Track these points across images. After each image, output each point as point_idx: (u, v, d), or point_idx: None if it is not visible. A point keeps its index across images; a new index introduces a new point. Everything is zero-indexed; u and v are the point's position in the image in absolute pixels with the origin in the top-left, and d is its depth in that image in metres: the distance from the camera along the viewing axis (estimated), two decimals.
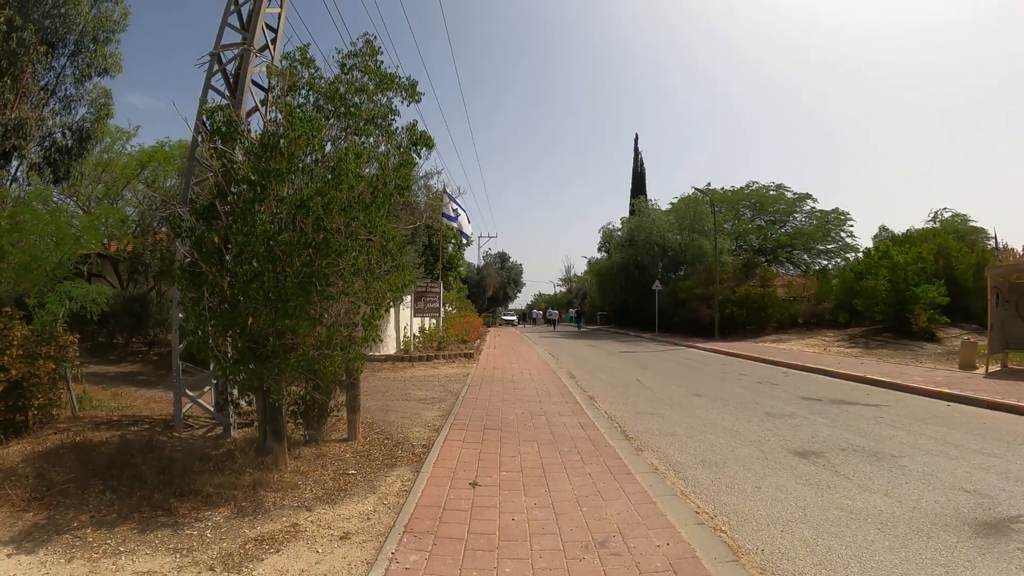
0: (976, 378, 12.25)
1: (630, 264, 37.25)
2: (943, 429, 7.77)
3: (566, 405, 9.49)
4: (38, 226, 9.33)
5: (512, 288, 62.19)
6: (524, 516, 4.47)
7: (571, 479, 5.44)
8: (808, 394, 10.91)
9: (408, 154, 5.85)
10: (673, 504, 4.80)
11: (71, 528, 4.20)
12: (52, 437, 6.65)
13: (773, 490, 5.33)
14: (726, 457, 6.50)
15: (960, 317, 21.82)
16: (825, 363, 15.57)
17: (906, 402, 10.06)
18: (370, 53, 5.97)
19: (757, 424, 8.19)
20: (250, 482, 5.16)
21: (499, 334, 36.74)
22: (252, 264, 5.05)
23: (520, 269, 62.20)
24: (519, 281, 62.79)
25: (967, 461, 6.20)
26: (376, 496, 5.04)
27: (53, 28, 13.25)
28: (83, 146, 14.72)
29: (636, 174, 51.49)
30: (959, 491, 5.21)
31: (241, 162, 5.31)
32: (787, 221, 38.86)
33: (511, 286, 61.51)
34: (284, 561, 3.74)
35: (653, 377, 13.86)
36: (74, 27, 13.57)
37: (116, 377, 12.12)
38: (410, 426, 7.88)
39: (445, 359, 16.71)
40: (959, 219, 34.44)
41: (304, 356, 5.25)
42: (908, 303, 20.41)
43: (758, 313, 26.59)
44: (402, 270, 5.96)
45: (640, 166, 51.67)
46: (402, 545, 3.92)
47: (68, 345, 7.62)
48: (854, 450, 6.69)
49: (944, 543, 4.06)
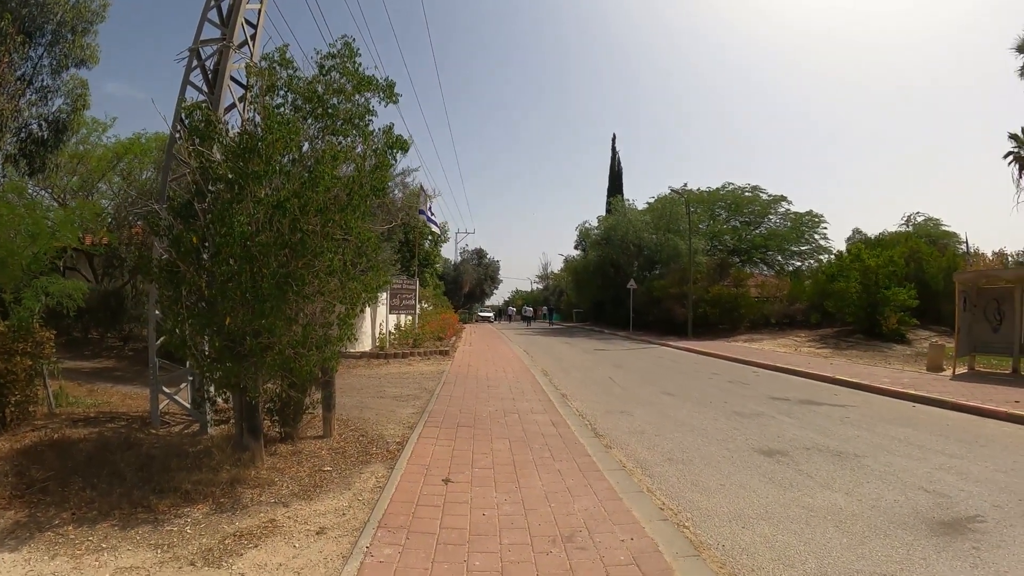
0: (943, 380, 12.62)
1: (606, 263, 37.63)
2: (907, 430, 8.02)
3: (539, 403, 9.66)
4: (13, 220, 9.22)
5: (489, 285, 62.39)
6: (495, 511, 4.62)
7: (541, 476, 5.60)
8: (777, 394, 11.19)
9: (384, 156, 5.93)
10: (639, 500, 4.95)
11: (53, 525, 4.24)
12: (30, 434, 6.63)
13: (736, 488, 5.50)
14: (692, 455, 6.68)
15: (930, 319, 22.42)
16: (796, 363, 15.95)
17: (873, 403, 10.36)
18: (348, 55, 6.02)
19: (725, 423, 8.41)
20: (228, 479, 5.23)
21: (475, 331, 36.82)
22: (230, 264, 5.10)
23: (497, 266, 62.48)
24: (496, 278, 63.08)
25: (929, 461, 6.41)
26: (351, 492, 5.14)
27: (31, 17, 13.00)
28: (59, 138, 14.42)
29: (613, 173, 51.89)
30: (919, 491, 5.38)
31: (219, 161, 5.36)
32: (762, 222, 39.47)
33: (488, 283, 61.69)
34: (262, 555, 3.84)
35: (625, 375, 14.10)
36: (52, 17, 13.32)
37: (92, 373, 12.01)
38: (385, 423, 7.98)
39: (420, 356, 16.78)
40: (932, 223, 35.27)
41: (280, 355, 5.32)
42: (879, 305, 20.93)
43: (731, 313, 27.06)
44: (377, 270, 6.05)
45: (617, 165, 52.11)
46: (376, 539, 4.04)
47: (45, 341, 7.54)
48: (818, 450, 6.89)
49: (901, 541, 4.22)
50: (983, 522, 4.62)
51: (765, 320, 27.22)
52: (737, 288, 28.19)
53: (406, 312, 19.90)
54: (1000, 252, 25.50)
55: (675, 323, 28.48)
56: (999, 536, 4.32)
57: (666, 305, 29.66)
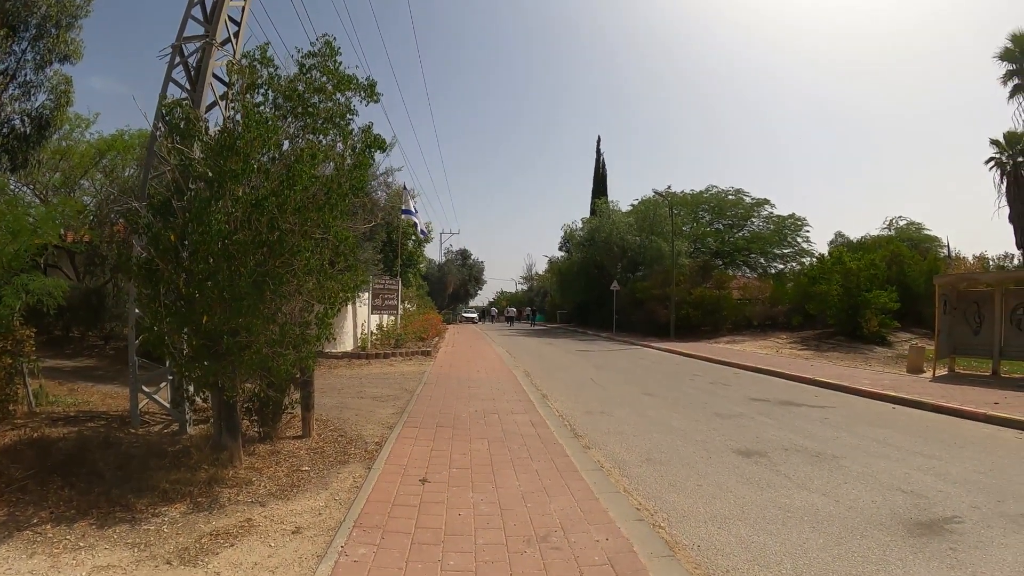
0: (922, 382, 12.80)
1: (590, 264, 37.79)
2: (886, 431, 8.09)
3: (519, 403, 9.70)
4: None
5: (473, 285, 62.34)
6: (471, 511, 4.64)
7: (518, 476, 5.63)
8: (757, 395, 11.29)
9: (364, 156, 5.94)
10: (615, 501, 4.98)
11: (31, 524, 4.25)
12: (9, 433, 6.60)
13: (714, 488, 5.53)
14: (671, 456, 6.72)
15: (912, 322, 22.71)
16: (777, 365, 16.11)
17: (852, 404, 10.47)
18: (329, 54, 6.01)
19: (705, 424, 8.47)
20: (205, 478, 5.23)
21: (459, 331, 36.77)
22: (208, 262, 5.09)
23: (482, 267, 62.47)
24: (480, 279, 63.04)
25: (907, 463, 6.45)
26: (328, 492, 5.15)
27: (15, 11, 12.84)
28: (42, 134, 14.24)
29: (598, 175, 51.92)
30: (897, 491, 5.42)
31: (198, 159, 5.35)
32: (745, 225, 39.76)
33: (472, 283, 61.64)
34: (238, 554, 3.85)
35: (607, 376, 14.17)
36: (36, 11, 13.18)
37: (72, 372, 11.90)
38: (364, 423, 7.99)
39: (402, 357, 16.77)
40: (914, 227, 35.73)
41: (258, 354, 5.31)
42: (860, 308, 21.16)
43: (713, 315, 27.28)
44: (355, 270, 6.07)
45: (602, 167, 52.15)
46: (352, 539, 4.05)
47: (25, 339, 7.55)
48: (797, 450, 6.94)
49: (878, 542, 4.25)
50: (961, 523, 4.66)
51: (747, 322, 27.45)
52: (719, 290, 28.46)
53: (388, 312, 19.86)
54: (981, 256, 25.96)
55: (658, 324, 28.62)
56: (976, 537, 4.36)
57: (649, 307, 29.81)
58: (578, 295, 41.94)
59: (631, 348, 23.83)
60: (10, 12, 12.65)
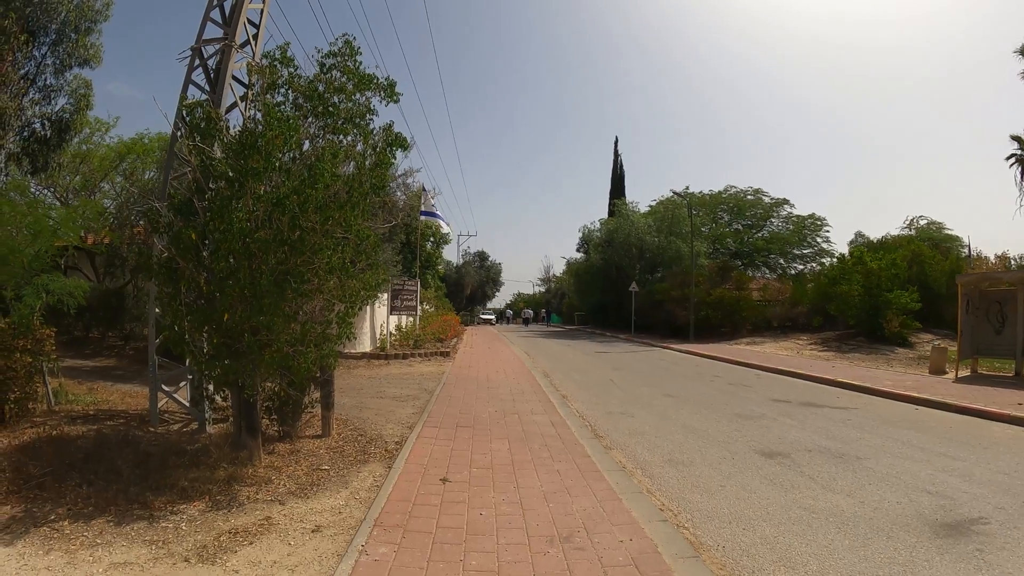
0: (945, 383, 12.54)
1: (608, 265, 37.52)
2: (910, 432, 7.94)
3: (539, 404, 9.62)
4: (15, 218, 9.24)
5: (491, 287, 62.22)
6: (492, 511, 4.58)
7: (540, 476, 5.56)
8: (779, 396, 11.12)
9: (385, 155, 5.91)
10: (638, 501, 4.90)
11: (49, 521, 4.25)
12: (29, 431, 6.64)
13: (737, 489, 5.43)
14: (693, 457, 6.62)
15: (933, 323, 22.29)
16: (798, 366, 15.87)
17: (875, 405, 10.27)
18: (349, 53, 5.99)
19: (726, 425, 8.35)
20: (224, 476, 5.22)
21: (476, 333, 36.74)
22: (229, 261, 5.11)
23: (499, 268, 62.27)
24: (498, 280, 62.84)
25: (931, 464, 6.33)
26: (348, 491, 5.11)
27: (35, 16, 13.04)
28: (62, 137, 14.47)
29: (616, 176, 51.59)
30: (922, 492, 5.31)
31: (219, 159, 5.36)
32: (764, 225, 39.42)
33: (490, 285, 61.52)
34: (257, 553, 3.82)
35: (627, 378, 14.03)
36: (56, 16, 13.37)
37: (92, 371, 12.01)
38: (384, 423, 7.96)
39: (421, 357, 16.76)
40: (934, 227, 35.20)
41: (279, 352, 5.30)
42: (881, 308, 20.80)
43: (733, 316, 26.98)
44: (376, 269, 6.04)
45: (620, 168, 51.82)
46: (372, 538, 4.01)
47: (45, 339, 7.58)
48: (820, 451, 6.82)
49: (904, 543, 4.15)
50: (987, 524, 4.56)
51: (767, 323, 27.13)
52: (739, 291, 28.09)
53: (407, 313, 19.84)
54: (1003, 255, 25.35)
55: (677, 326, 28.34)
56: (1003, 538, 4.26)
57: (668, 308, 29.50)
58: (596, 297, 41.62)
59: (650, 350, 23.65)
60: (30, 18, 12.86)
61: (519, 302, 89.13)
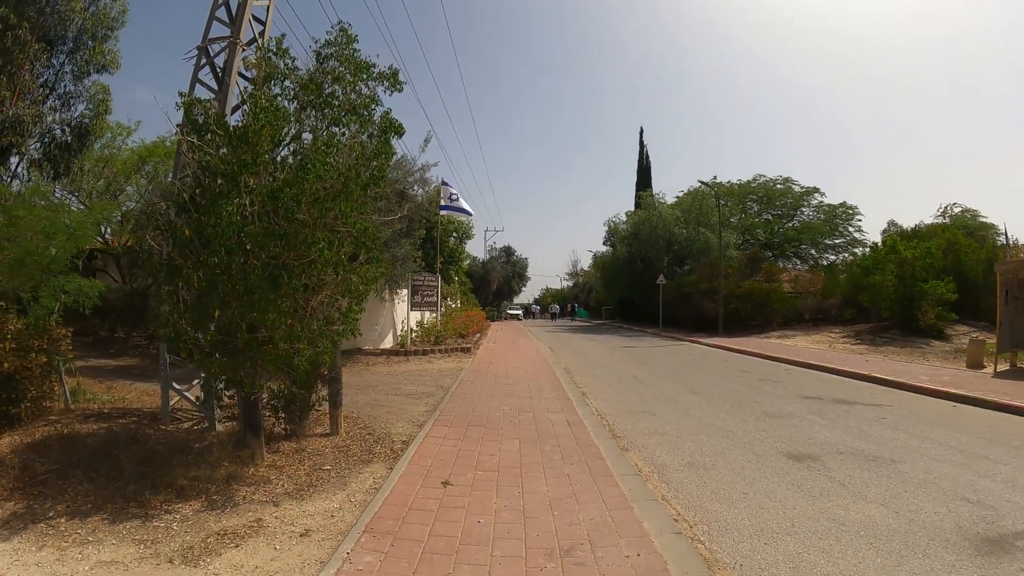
0: (984, 378, 11.93)
1: (634, 258, 36.85)
2: (947, 432, 7.44)
3: (556, 402, 9.32)
4: (31, 221, 9.37)
5: (517, 282, 61.78)
6: (491, 519, 4.33)
7: (548, 480, 5.29)
8: (809, 393, 10.64)
9: (385, 144, 5.71)
10: (651, 510, 4.58)
11: (47, 517, 4.31)
12: (42, 429, 6.73)
13: (761, 497, 5.05)
14: (715, 459, 6.23)
15: (969, 314, 21.40)
16: (830, 360, 15.29)
17: (910, 402, 9.73)
18: (346, 42, 5.82)
19: (753, 424, 7.94)
20: (224, 476, 5.20)
21: (502, 328, 36.45)
22: (221, 255, 5.00)
23: (525, 263, 61.86)
24: (524, 275, 62.36)
25: (971, 468, 5.86)
26: (345, 493, 4.97)
27: (51, 25, 13.28)
28: (82, 142, 14.77)
29: (642, 167, 50.85)
30: (961, 501, 4.89)
31: (212, 154, 5.23)
32: (794, 215, 38.36)
33: (516, 280, 61.11)
34: (241, 556, 3.75)
35: (651, 373, 13.64)
36: (71, 24, 13.62)
37: (114, 371, 12.14)
38: (395, 421, 7.78)
39: (441, 353, 16.57)
40: (969, 214, 33.78)
41: (276, 349, 5.19)
42: (915, 299, 20.03)
43: (763, 308, 26.23)
44: (377, 263, 5.87)
45: (646, 159, 51.07)
46: (359, 545, 3.84)
47: (61, 339, 7.68)
48: (852, 454, 6.38)
49: (942, 561, 3.76)
50: None
51: (798, 316, 26.32)
52: (769, 283, 27.23)
53: (428, 309, 19.63)
54: None
55: (705, 319, 27.69)
56: None
57: (696, 301, 28.83)
58: (623, 290, 41.02)
59: (677, 344, 23.13)
60: (47, 27, 13.07)
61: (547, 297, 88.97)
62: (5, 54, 12.32)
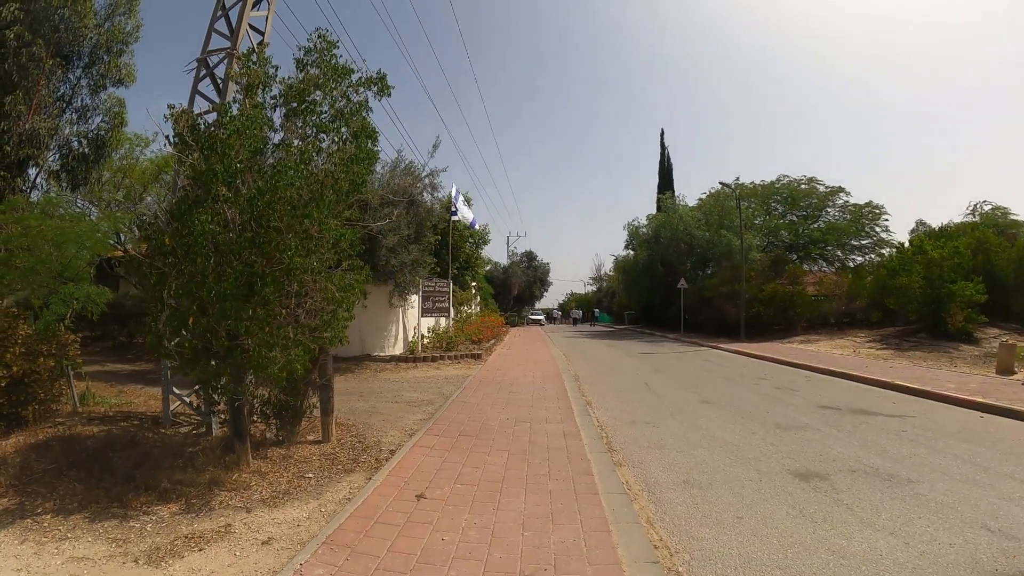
0: (1014, 385, 11.36)
1: (655, 262, 36.36)
2: (973, 447, 6.95)
3: (558, 411, 9.05)
4: (44, 231, 9.60)
5: (538, 287, 61.17)
6: (457, 536, 4.15)
7: (527, 497, 5.05)
8: (827, 402, 10.17)
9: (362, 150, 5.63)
10: (631, 534, 4.24)
11: (35, 514, 4.54)
12: (47, 430, 6.92)
13: (756, 522, 4.65)
14: (714, 477, 5.85)
15: (999, 316, 20.50)
16: (852, 366, 14.77)
17: (935, 412, 9.19)
18: (325, 48, 5.76)
19: (762, 437, 7.54)
20: (207, 480, 5.30)
21: (521, 333, 36.06)
22: (196, 263, 5.02)
23: (547, 268, 61.26)
24: (545, 280, 61.68)
25: (996, 489, 5.37)
26: (318, 503, 4.94)
27: (66, 42, 13.65)
28: (99, 153, 15.17)
29: (663, 170, 50.23)
30: (981, 529, 4.44)
31: (191, 163, 5.25)
32: (819, 216, 37.31)
33: (537, 285, 60.48)
34: (201, 560, 3.83)
35: (664, 381, 13.30)
36: (85, 41, 14.00)
37: (128, 375, 12.34)
38: (388, 429, 7.70)
39: (451, 360, 16.49)
40: (999, 212, 32.35)
41: (252, 356, 5.19)
42: (944, 301, 19.26)
43: (786, 312, 25.61)
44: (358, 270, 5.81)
45: (667, 161, 50.41)
46: (315, 557, 3.78)
47: (69, 344, 7.86)
48: (866, 472, 5.95)
49: None
50: None
51: (823, 319, 25.64)
52: (793, 286, 26.50)
53: (439, 315, 19.55)
54: None
55: (727, 324, 27.18)
56: None
57: (718, 305, 28.28)
58: (644, 295, 40.50)
59: (697, 350, 22.69)
60: (62, 43, 13.43)
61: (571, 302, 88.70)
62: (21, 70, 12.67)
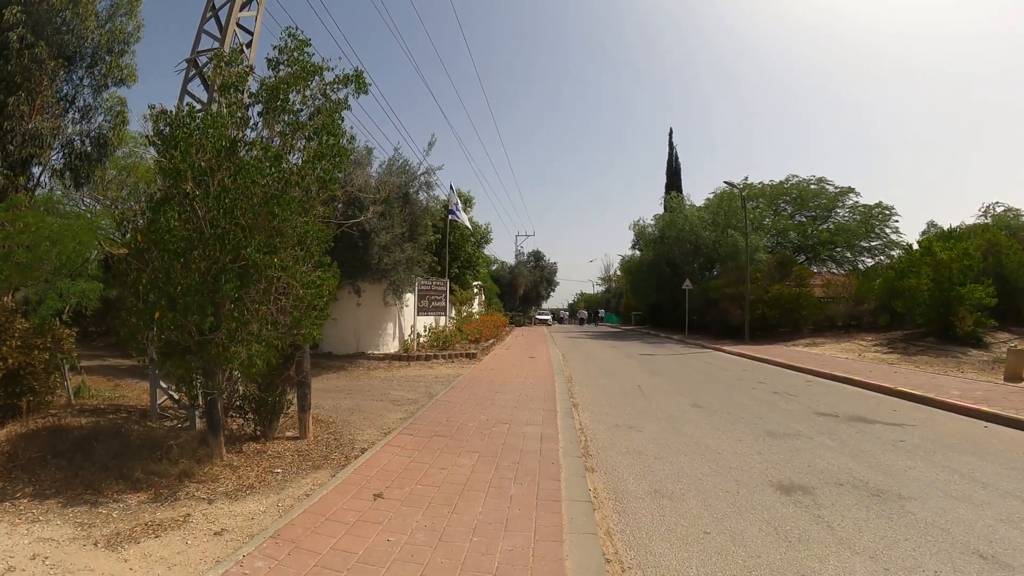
0: (1022, 393, 10.98)
1: (661, 262, 36.12)
2: (973, 460, 6.60)
3: (540, 413, 8.89)
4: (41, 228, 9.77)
5: (545, 287, 60.62)
6: (403, 539, 4.11)
7: (486, 501, 4.94)
8: (825, 408, 9.88)
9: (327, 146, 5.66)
10: (584, 546, 4.03)
11: (14, 497, 4.78)
12: (39, 421, 7.15)
13: (725, 538, 4.33)
14: (688, 487, 5.55)
15: (1011, 320, 20.21)
16: (856, 371, 14.46)
17: (937, 421, 8.86)
18: (296, 47, 5.79)
19: (749, 445, 7.24)
20: (178, 472, 5.47)
21: (524, 333, 35.62)
22: (164, 259, 5.12)
23: (554, 268, 60.68)
24: (553, 280, 61.10)
25: (994, 508, 5.01)
26: (278, 497, 5.03)
27: (68, 43, 13.90)
28: (102, 152, 15.43)
29: (671, 169, 49.74)
30: (972, 555, 4.04)
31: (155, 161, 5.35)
32: (828, 217, 36.81)
33: (544, 285, 59.89)
34: (154, 547, 3.97)
35: (659, 384, 13.10)
36: (87, 41, 14.26)
37: (127, 370, 12.49)
38: (366, 428, 7.73)
39: (445, 359, 16.48)
40: (1012, 213, 31.68)
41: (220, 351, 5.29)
42: (952, 304, 18.91)
43: (792, 314, 25.30)
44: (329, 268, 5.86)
45: (675, 161, 49.89)
46: (258, 549, 3.86)
47: (64, 338, 8.05)
48: (853, 486, 5.61)
49: None
50: None
51: (830, 322, 25.33)
52: (799, 287, 26.17)
53: (436, 314, 19.47)
54: None
55: (732, 326, 26.94)
56: None
57: (723, 306, 28.02)
58: (651, 295, 40.19)
59: (700, 351, 22.45)
60: (64, 44, 13.68)
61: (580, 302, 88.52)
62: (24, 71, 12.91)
